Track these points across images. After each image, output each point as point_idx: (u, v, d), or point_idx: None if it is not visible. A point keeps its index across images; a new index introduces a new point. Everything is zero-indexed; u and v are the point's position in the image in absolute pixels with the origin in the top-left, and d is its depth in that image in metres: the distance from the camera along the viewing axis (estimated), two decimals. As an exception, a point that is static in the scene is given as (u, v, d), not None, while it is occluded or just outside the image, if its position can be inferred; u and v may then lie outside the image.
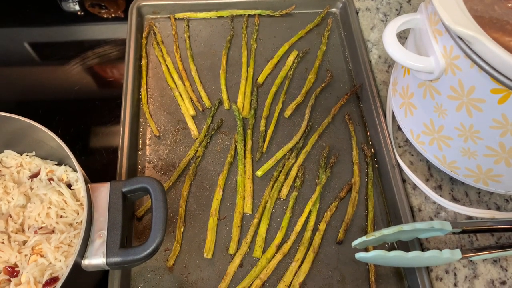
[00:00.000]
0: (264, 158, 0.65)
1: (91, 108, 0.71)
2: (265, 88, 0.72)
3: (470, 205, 0.61)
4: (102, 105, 0.71)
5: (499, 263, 0.56)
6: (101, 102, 0.72)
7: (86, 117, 0.70)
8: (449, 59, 0.49)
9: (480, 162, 0.54)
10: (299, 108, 0.70)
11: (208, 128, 0.67)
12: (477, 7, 0.59)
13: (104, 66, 0.78)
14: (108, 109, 0.69)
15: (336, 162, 0.65)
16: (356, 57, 0.74)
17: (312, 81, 0.73)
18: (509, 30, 0.56)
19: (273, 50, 0.77)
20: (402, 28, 0.54)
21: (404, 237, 0.55)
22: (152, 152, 0.65)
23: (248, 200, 0.61)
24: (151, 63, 0.74)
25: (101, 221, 0.48)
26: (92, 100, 0.72)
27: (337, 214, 0.61)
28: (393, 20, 0.54)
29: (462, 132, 0.52)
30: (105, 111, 0.70)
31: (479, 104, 0.48)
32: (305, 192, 0.63)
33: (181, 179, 0.63)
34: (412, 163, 0.64)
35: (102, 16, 0.86)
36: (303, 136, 0.67)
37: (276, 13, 0.80)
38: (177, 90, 0.70)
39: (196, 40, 0.77)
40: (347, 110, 0.71)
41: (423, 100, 0.56)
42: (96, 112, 0.70)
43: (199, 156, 0.64)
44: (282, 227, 0.59)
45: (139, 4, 0.78)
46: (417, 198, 0.61)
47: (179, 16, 0.79)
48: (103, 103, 0.71)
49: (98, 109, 0.71)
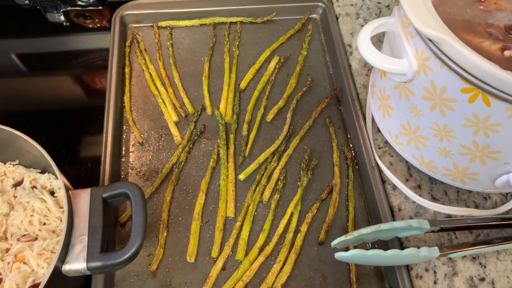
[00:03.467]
0: (246, 162, 0.66)
1: (75, 117, 0.72)
2: (247, 94, 0.73)
3: (449, 204, 0.62)
4: (87, 114, 0.72)
5: (478, 260, 0.57)
6: (86, 111, 0.73)
7: (70, 125, 0.70)
8: (421, 60, 0.50)
9: (456, 161, 0.55)
10: (281, 112, 0.71)
11: (191, 134, 0.68)
12: (450, 9, 0.61)
13: (88, 76, 0.79)
14: (93, 117, 0.70)
15: (317, 164, 0.66)
16: (336, 62, 0.76)
17: (294, 85, 0.74)
18: (481, 31, 0.58)
19: (255, 56, 0.78)
20: (376, 31, 0.55)
21: (384, 236, 0.56)
22: (135, 159, 0.65)
23: (230, 203, 0.61)
24: (134, 71, 0.75)
25: (81, 227, 0.48)
26: (76, 109, 0.73)
27: (319, 215, 0.62)
28: (367, 24, 0.55)
29: (437, 131, 0.53)
30: (90, 119, 0.70)
31: (451, 103, 0.49)
32: (287, 195, 0.63)
33: (164, 184, 0.63)
34: (391, 163, 0.65)
35: (87, 26, 0.87)
36: (285, 139, 0.68)
37: (257, 20, 0.82)
38: (160, 97, 0.71)
39: (179, 48, 0.78)
40: (327, 113, 0.72)
41: (399, 102, 0.57)
42: (80, 120, 0.71)
43: (182, 161, 0.65)
44: (264, 230, 0.60)
45: (122, 13, 0.79)
46: (397, 198, 0.62)
47: (162, 24, 0.80)
48: (88, 112, 0.72)
49: (82, 117, 0.71)
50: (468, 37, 0.57)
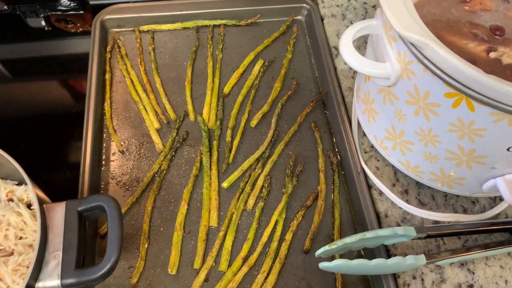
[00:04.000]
0: (230, 169, 0.64)
1: (55, 124, 0.70)
2: (231, 98, 0.72)
3: (437, 209, 0.60)
4: (67, 121, 0.70)
5: (466, 266, 0.56)
6: (66, 118, 0.71)
7: (49, 133, 0.69)
8: (404, 64, 0.49)
9: (442, 165, 0.54)
10: (265, 117, 0.70)
11: (173, 141, 0.66)
12: (434, 10, 0.60)
13: (69, 82, 0.78)
14: (73, 125, 0.68)
15: (303, 170, 0.65)
16: (321, 64, 0.74)
17: (278, 89, 0.73)
18: (466, 33, 0.57)
19: (239, 60, 0.76)
20: (359, 34, 0.54)
21: (370, 244, 0.55)
22: (116, 168, 0.64)
23: (213, 212, 0.60)
24: (115, 77, 0.73)
25: (56, 242, 0.47)
26: (57, 115, 0.72)
27: (304, 223, 0.60)
28: (349, 27, 0.54)
29: (422, 136, 0.52)
30: (70, 126, 0.69)
31: (435, 108, 0.48)
32: (271, 202, 0.62)
33: (146, 194, 0.62)
34: (378, 168, 0.64)
35: (70, 31, 0.85)
36: (270, 145, 0.66)
37: (241, 22, 0.80)
38: (142, 103, 0.69)
39: (161, 52, 0.76)
40: (313, 117, 0.70)
41: (384, 106, 0.56)
42: (60, 127, 0.69)
43: (163, 169, 0.63)
44: (248, 239, 0.58)
45: (102, 18, 0.78)
46: (384, 204, 0.61)
47: (144, 28, 0.79)
48: (68, 119, 0.70)
49: (62, 124, 0.70)
50: (453, 39, 0.56)
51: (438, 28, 0.57)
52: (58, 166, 0.66)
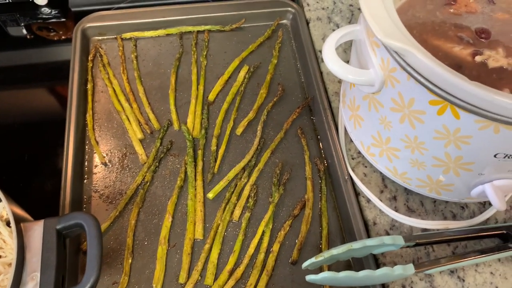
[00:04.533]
0: (215, 179, 0.63)
1: (35, 136, 0.69)
2: (216, 106, 0.71)
3: (425, 215, 0.59)
4: (47, 132, 0.69)
5: (456, 274, 0.55)
6: (46, 129, 0.69)
7: (29, 145, 0.67)
8: (387, 72, 0.48)
9: (430, 172, 0.53)
10: (251, 124, 0.69)
11: (157, 151, 0.65)
12: (419, 14, 0.59)
13: (51, 91, 0.76)
14: (54, 136, 0.66)
15: (289, 178, 0.63)
16: (307, 69, 0.73)
17: (264, 96, 0.71)
18: (451, 36, 0.56)
19: (223, 66, 0.75)
20: (342, 41, 0.53)
21: (357, 254, 0.54)
22: (99, 181, 0.62)
23: (199, 224, 0.59)
24: (97, 87, 0.71)
25: (34, 262, 0.45)
26: (36, 127, 0.70)
27: (291, 233, 0.59)
28: (332, 33, 0.53)
29: (408, 143, 0.51)
30: (51, 138, 0.67)
31: (420, 115, 0.47)
32: (258, 212, 0.61)
33: (129, 207, 0.60)
34: (365, 174, 0.62)
35: (52, 39, 0.84)
36: (256, 153, 0.65)
37: (226, 27, 0.79)
38: (124, 113, 0.68)
39: (144, 60, 0.75)
40: (300, 124, 0.69)
41: (369, 113, 0.55)
42: (40, 139, 0.68)
43: (147, 181, 0.62)
44: (234, 251, 0.57)
45: (83, 26, 0.76)
46: (372, 211, 0.60)
47: (126, 36, 0.77)
48: (48, 130, 0.69)
49: (42, 136, 0.68)
50: (438, 43, 0.55)
51: (423, 32, 0.56)
52: (39, 180, 0.64)
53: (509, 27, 0.57)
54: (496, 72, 0.51)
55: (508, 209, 0.60)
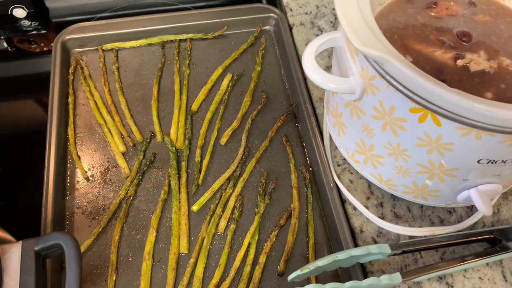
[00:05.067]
0: (200, 191, 0.62)
1: (15, 151, 0.68)
2: (200, 116, 0.70)
3: (413, 221, 0.59)
4: (28, 148, 0.68)
5: (444, 280, 0.55)
6: (27, 144, 0.68)
7: (9, 161, 0.66)
8: (367, 79, 0.47)
9: (414, 179, 0.52)
10: (235, 133, 0.68)
11: (140, 164, 0.64)
12: (400, 18, 0.58)
13: (32, 105, 0.75)
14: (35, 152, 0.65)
15: (275, 187, 0.63)
16: (291, 76, 0.72)
17: (248, 104, 0.71)
18: (433, 40, 0.55)
19: (207, 75, 0.74)
20: (322, 48, 0.52)
21: (344, 264, 0.53)
22: (81, 196, 0.61)
23: (183, 238, 0.58)
24: (78, 100, 0.70)
25: (12, 286, 0.44)
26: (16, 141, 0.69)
27: (278, 243, 0.58)
28: (312, 41, 0.52)
29: (392, 150, 0.51)
30: (31, 154, 0.66)
31: (402, 123, 0.46)
32: (244, 224, 0.60)
33: (112, 222, 0.59)
34: (352, 181, 0.62)
35: (34, 51, 0.83)
36: (240, 163, 0.64)
37: (208, 35, 0.78)
38: (106, 126, 0.67)
39: (126, 71, 0.74)
40: (284, 131, 0.68)
41: (351, 120, 0.54)
42: (20, 155, 0.67)
43: (130, 195, 0.61)
44: (220, 265, 0.56)
45: (63, 38, 0.75)
46: (359, 219, 0.59)
47: (107, 47, 0.76)
48: (29, 145, 0.68)
49: (23, 152, 0.67)
50: (420, 47, 0.54)
51: (404, 36, 0.55)
52: (19, 196, 0.63)
53: (490, 29, 0.56)
54: (478, 75, 0.50)
55: (495, 212, 0.60)
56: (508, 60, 0.52)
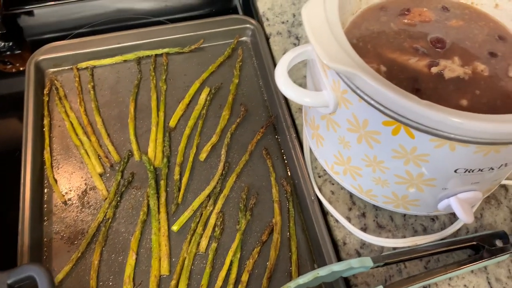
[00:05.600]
0: (180, 210, 0.61)
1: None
2: (178, 132, 0.69)
3: (396, 230, 0.58)
4: (2, 172, 0.66)
5: (429, 290, 0.54)
6: (1, 170, 0.67)
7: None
8: (339, 93, 0.46)
9: (394, 189, 0.52)
10: (215, 148, 0.67)
11: (118, 185, 0.63)
12: (373, 26, 0.58)
13: (4, 127, 0.74)
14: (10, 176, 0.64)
15: (256, 202, 0.62)
16: (269, 87, 0.72)
17: (227, 117, 0.70)
18: (407, 48, 0.55)
19: (184, 90, 0.73)
20: (294, 62, 0.52)
21: (326, 279, 0.52)
22: (59, 221, 0.60)
23: (164, 260, 0.57)
24: (54, 121, 0.69)
25: (-16, 322, 0.43)
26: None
27: (260, 260, 0.57)
28: (284, 55, 0.51)
29: (369, 162, 0.50)
30: (6, 178, 0.65)
31: (376, 136, 0.46)
32: (225, 242, 0.59)
33: (91, 246, 0.58)
34: (333, 192, 0.61)
35: (10, 71, 0.81)
36: (221, 179, 0.64)
37: (185, 49, 0.77)
38: (83, 147, 0.66)
39: (102, 89, 0.73)
40: (264, 144, 0.68)
41: (328, 132, 0.53)
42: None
43: (109, 218, 0.60)
44: (202, 285, 0.55)
45: (37, 59, 0.74)
46: (341, 231, 0.58)
47: (82, 65, 0.75)
48: (3, 169, 0.66)
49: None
50: (393, 56, 0.54)
51: (377, 45, 0.55)
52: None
53: (463, 34, 0.56)
54: (453, 82, 0.50)
55: (478, 217, 0.60)
56: (482, 66, 0.51)
